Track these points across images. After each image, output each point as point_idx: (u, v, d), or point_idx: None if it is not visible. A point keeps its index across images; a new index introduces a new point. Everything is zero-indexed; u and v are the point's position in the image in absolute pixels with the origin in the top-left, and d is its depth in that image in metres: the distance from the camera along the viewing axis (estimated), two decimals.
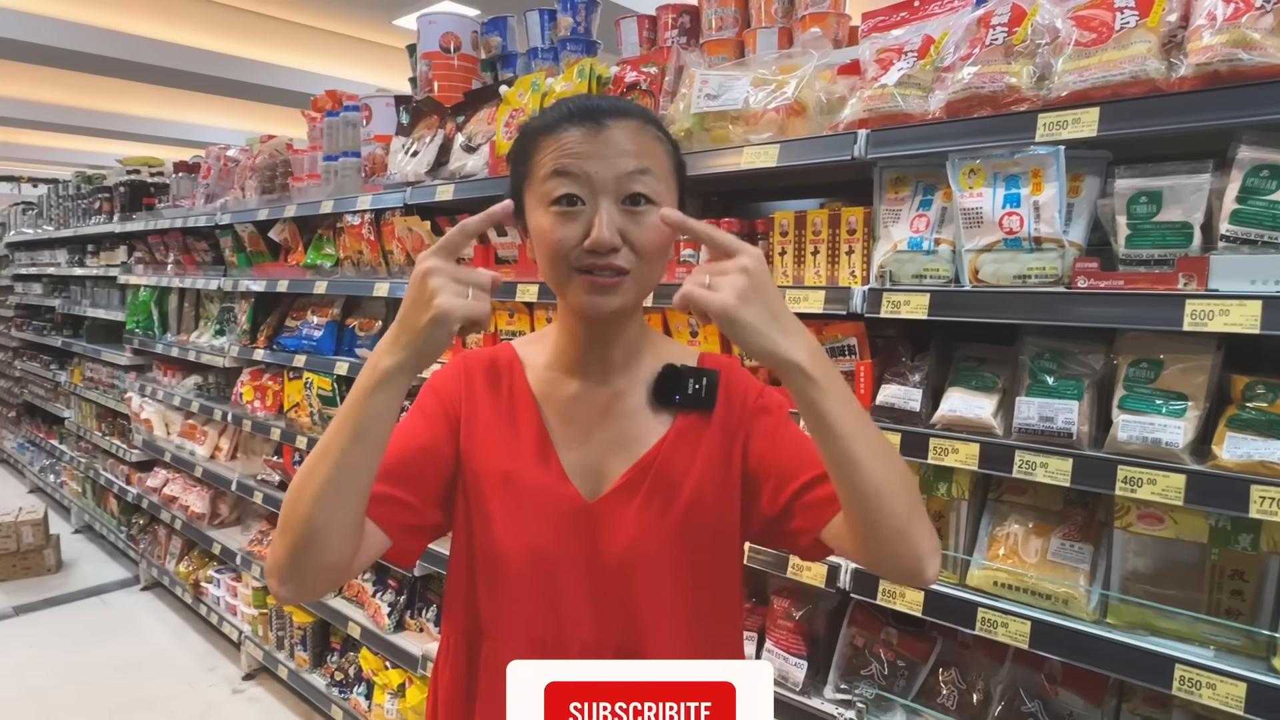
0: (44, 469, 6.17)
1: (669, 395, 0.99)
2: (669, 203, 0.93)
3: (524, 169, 0.95)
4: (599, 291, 0.90)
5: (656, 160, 0.92)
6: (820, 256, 1.60)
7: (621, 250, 0.88)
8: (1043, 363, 1.34)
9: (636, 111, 0.94)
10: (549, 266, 0.92)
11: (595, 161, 0.88)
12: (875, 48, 1.53)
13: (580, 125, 0.90)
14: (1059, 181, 1.25)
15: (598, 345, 0.99)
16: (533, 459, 0.98)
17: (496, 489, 0.97)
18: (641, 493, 0.96)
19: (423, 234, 2.38)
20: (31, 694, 3.44)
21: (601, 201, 0.88)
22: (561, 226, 0.89)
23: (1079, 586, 1.31)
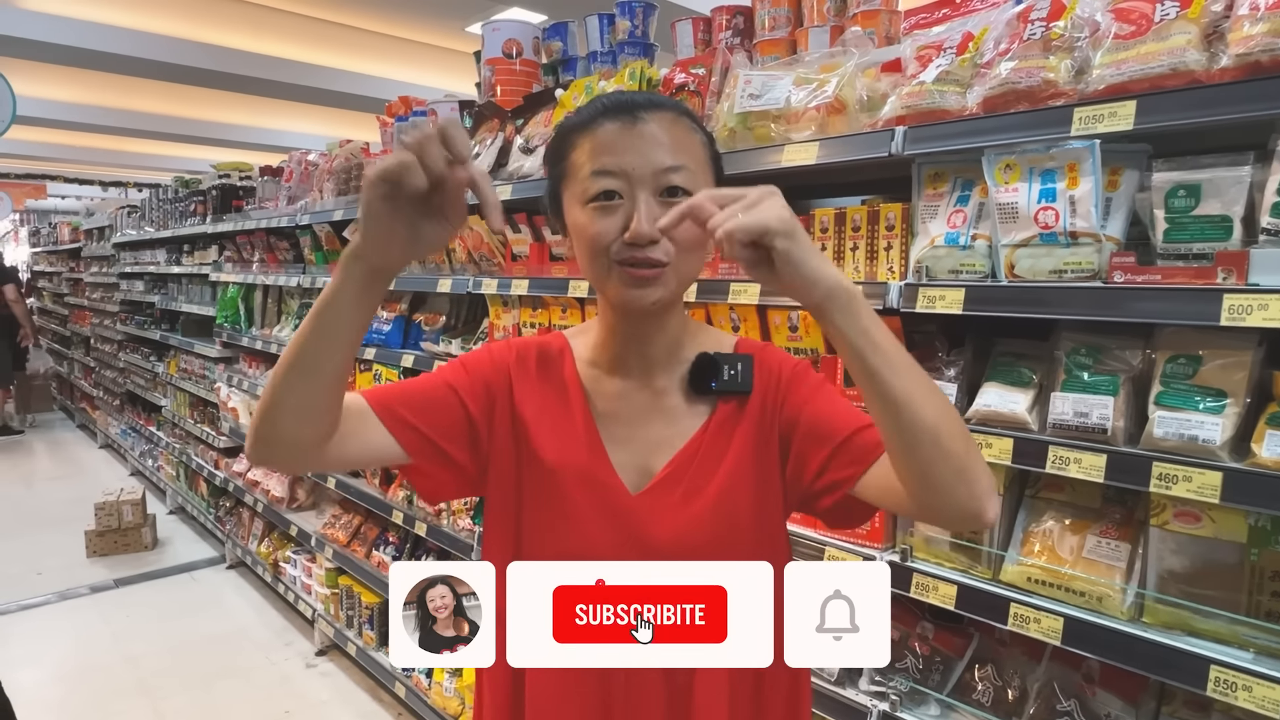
0: (143, 453, 6.63)
1: (705, 384, 1.00)
2: None
3: (561, 167, 0.97)
4: (638, 284, 0.91)
5: (693, 153, 0.93)
6: (859, 253, 1.62)
7: (660, 242, 0.89)
8: (1078, 358, 1.33)
9: (670, 104, 0.96)
10: (589, 261, 0.93)
11: (632, 156, 0.89)
12: (916, 45, 1.54)
13: (616, 119, 0.91)
14: (1095, 175, 1.24)
15: (638, 341, 0.99)
16: (583, 451, 0.99)
17: (543, 486, 0.98)
18: (684, 484, 0.96)
19: (482, 232, 2.49)
20: (128, 660, 3.73)
21: (640, 195, 0.89)
22: (600, 221, 0.90)
23: (1114, 584, 1.30)
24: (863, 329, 0.76)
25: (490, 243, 2.49)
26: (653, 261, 0.90)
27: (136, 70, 7.50)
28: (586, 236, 0.92)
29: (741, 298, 1.74)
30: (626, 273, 0.91)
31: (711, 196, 0.79)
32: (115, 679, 3.55)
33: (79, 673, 3.61)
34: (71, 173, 14.63)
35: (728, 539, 0.96)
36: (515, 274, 2.42)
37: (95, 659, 3.73)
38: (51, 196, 15.68)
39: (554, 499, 0.98)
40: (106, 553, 5.03)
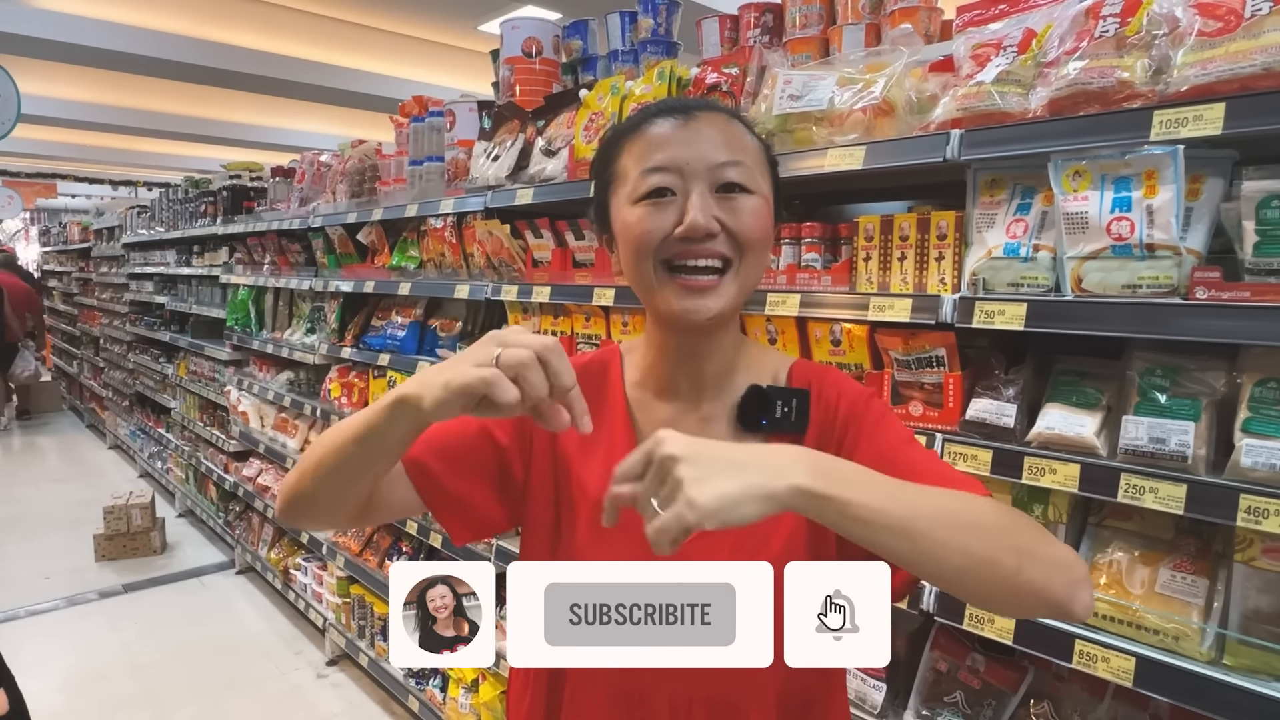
0: (152, 455, 6.58)
1: (755, 420, 0.91)
2: (766, 196, 0.87)
3: (609, 172, 0.91)
4: (694, 295, 0.83)
5: (749, 152, 0.87)
6: (908, 263, 1.53)
7: (719, 236, 0.83)
8: (1154, 379, 1.24)
9: (723, 107, 0.91)
10: (636, 265, 0.86)
11: (685, 149, 0.84)
12: (971, 43, 1.45)
13: (668, 118, 0.86)
14: (1177, 184, 1.15)
15: (689, 360, 0.92)
16: None
17: (588, 511, 0.92)
18: (734, 531, 0.90)
19: (502, 237, 2.41)
20: (136, 668, 3.66)
21: (694, 188, 0.83)
22: (650, 218, 0.84)
23: (1191, 623, 1.21)
24: (847, 516, 0.66)
25: (510, 248, 2.41)
26: (711, 256, 0.83)
27: (147, 69, 7.45)
28: (634, 235, 0.85)
29: (780, 309, 1.65)
30: (680, 283, 0.84)
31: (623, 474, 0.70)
32: (122, 688, 3.48)
33: (85, 681, 3.54)
34: (81, 172, 14.63)
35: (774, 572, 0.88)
36: (537, 280, 2.34)
37: (102, 667, 3.67)
38: (62, 195, 15.70)
39: (593, 533, 0.91)
40: (115, 557, 4.98)
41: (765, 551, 0.87)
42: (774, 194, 0.91)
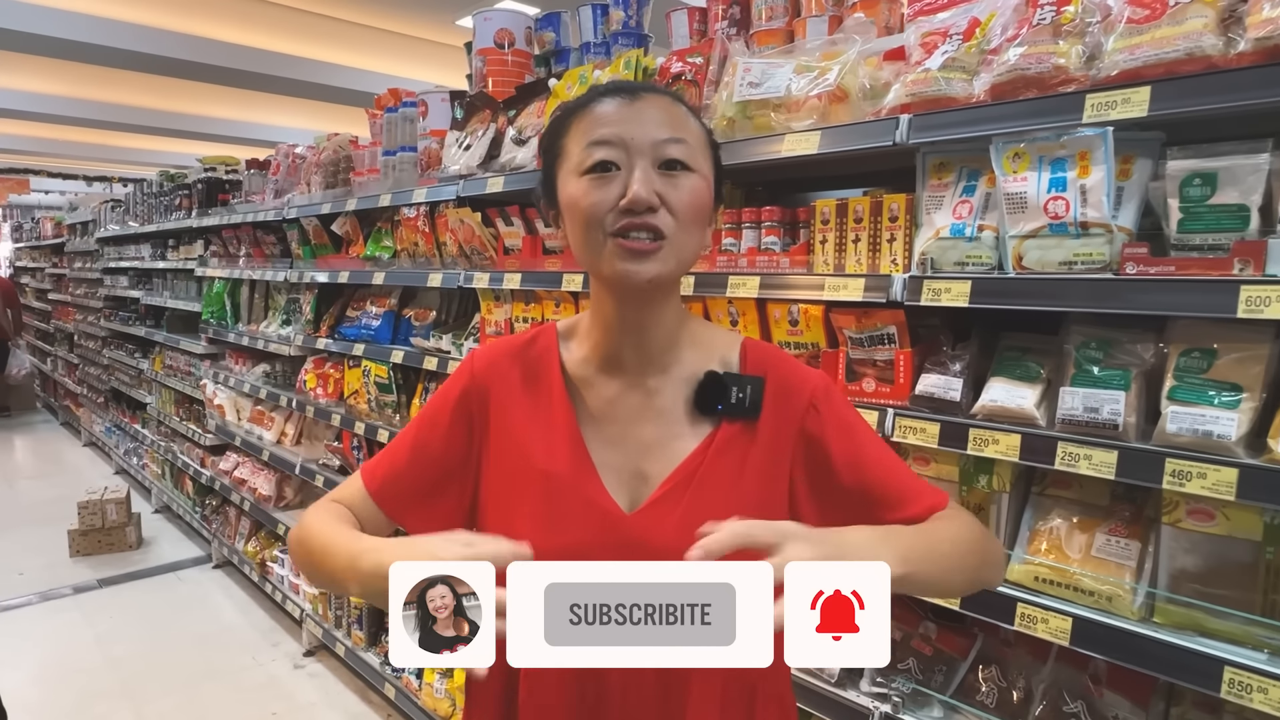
0: (128, 451, 6.54)
1: (710, 404, 0.95)
2: (706, 176, 0.91)
3: (557, 147, 0.93)
4: (635, 258, 0.86)
5: (691, 132, 0.91)
6: (861, 244, 1.58)
7: (659, 211, 0.86)
8: (1088, 352, 1.30)
9: (669, 91, 0.95)
10: (582, 234, 0.89)
11: (630, 126, 0.87)
12: (920, 31, 1.50)
13: (614, 97, 0.90)
14: (1107, 164, 1.21)
15: (633, 331, 0.95)
16: (568, 461, 0.95)
17: (532, 489, 0.95)
18: (682, 506, 0.91)
19: (473, 225, 2.44)
20: (112, 661, 3.66)
21: (637, 163, 0.86)
22: (595, 191, 0.87)
23: (1124, 584, 1.27)
24: (905, 585, 0.80)
25: (482, 236, 2.44)
26: (650, 229, 0.86)
27: (121, 63, 7.38)
28: (581, 207, 0.88)
29: (741, 291, 1.70)
30: (622, 245, 0.87)
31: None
32: (98, 680, 3.48)
33: (61, 674, 3.54)
34: (55, 167, 14.43)
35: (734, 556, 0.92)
36: (508, 268, 2.38)
37: (78, 660, 3.66)
38: (35, 191, 15.48)
39: (541, 506, 0.94)
40: (90, 552, 4.95)
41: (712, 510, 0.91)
42: (715, 176, 0.94)
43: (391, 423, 2.99)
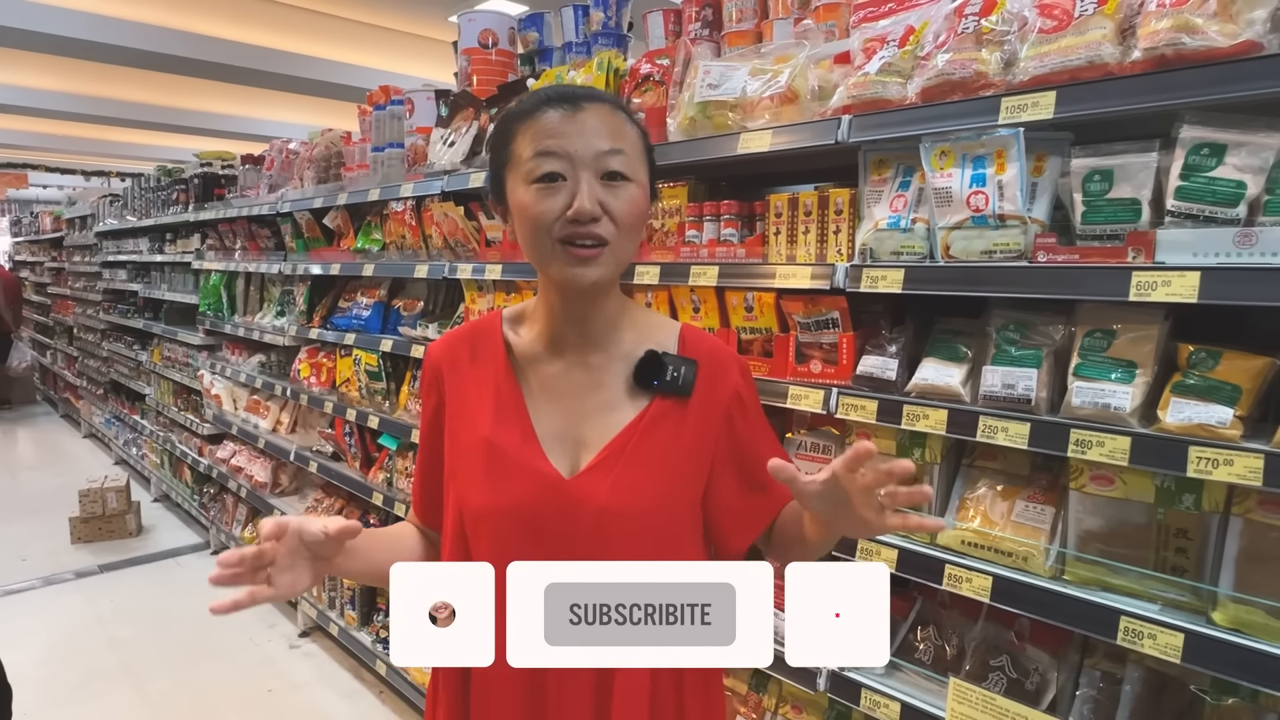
0: (127, 442, 6.66)
1: (648, 380, 1.05)
2: (643, 184, 1.01)
3: (504, 153, 1.01)
4: (580, 263, 0.97)
5: (630, 141, 0.99)
6: (811, 236, 1.70)
7: (602, 220, 0.95)
8: (1007, 333, 1.42)
9: (608, 97, 1.03)
10: (532, 240, 0.98)
11: (574, 140, 0.95)
12: (863, 38, 1.61)
13: (558, 108, 0.97)
14: (1020, 161, 1.32)
15: (576, 320, 1.05)
16: (512, 431, 1.04)
17: (480, 455, 1.04)
18: (615, 472, 1.01)
19: (456, 218, 2.56)
20: (113, 642, 3.78)
21: (582, 175, 0.94)
22: (544, 200, 0.95)
23: (1038, 545, 1.39)
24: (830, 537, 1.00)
25: (465, 229, 2.56)
26: (594, 238, 0.96)
27: (118, 59, 7.47)
28: (530, 215, 0.97)
29: (701, 280, 1.82)
30: (569, 252, 0.97)
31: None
32: (99, 660, 3.61)
33: (63, 655, 3.66)
34: (53, 162, 14.51)
35: (661, 526, 1.03)
36: (489, 259, 2.49)
37: (79, 642, 3.79)
38: (33, 186, 15.56)
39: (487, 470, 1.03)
40: (91, 539, 5.07)
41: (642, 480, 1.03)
42: (650, 178, 1.05)
43: (381, 409, 3.11)
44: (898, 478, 0.83)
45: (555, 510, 1.02)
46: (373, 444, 3.32)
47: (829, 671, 1.67)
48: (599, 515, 1.01)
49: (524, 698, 1.01)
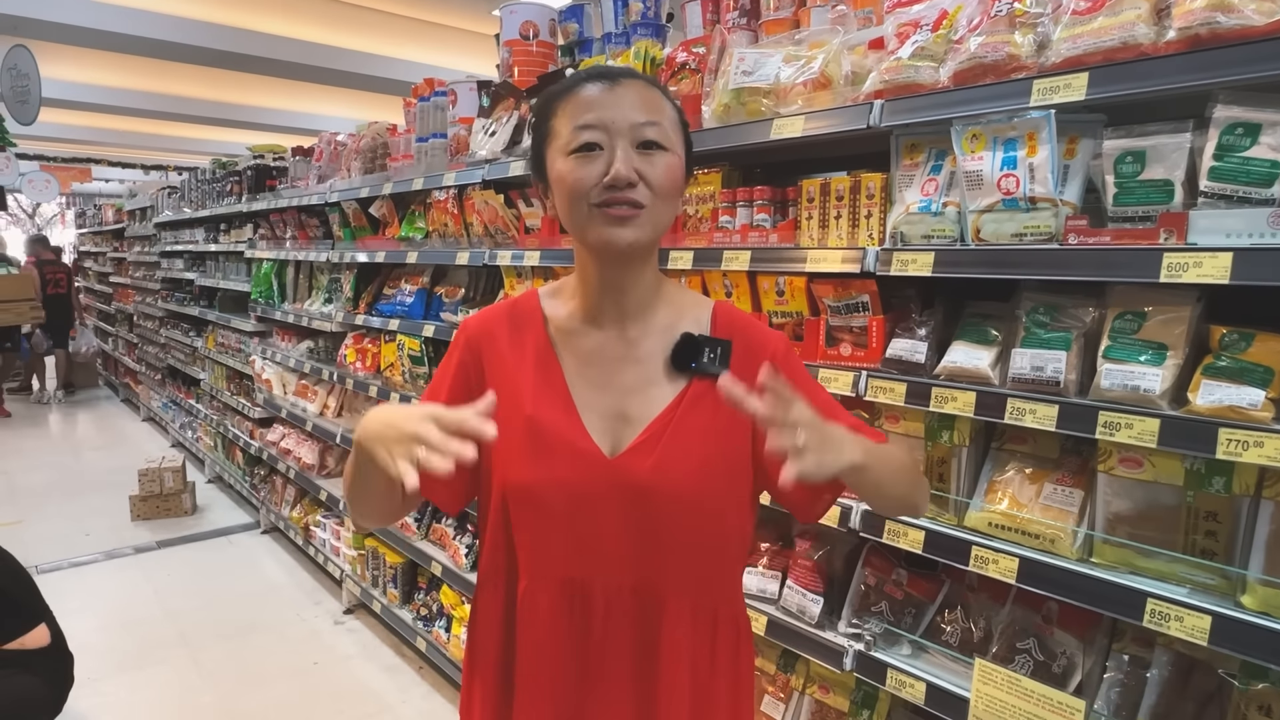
0: (183, 425, 6.92)
1: (685, 362, 1.07)
2: (678, 154, 1.03)
3: (545, 129, 1.04)
4: (617, 223, 0.99)
5: (665, 114, 1.01)
6: (843, 221, 1.71)
7: (638, 185, 0.98)
8: (1037, 316, 1.42)
9: (644, 76, 1.05)
10: (570, 207, 1.01)
11: (611, 110, 0.97)
12: (897, 22, 1.62)
13: (595, 83, 1.00)
14: (1051, 144, 1.32)
15: (613, 290, 1.06)
16: (554, 406, 1.05)
17: (521, 432, 1.04)
18: (657, 452, 1.02)
19: (496, 206, 2.62)
20: (169, 614, 3.96)
21: (618, 143, 0.97)
22: (581, 168, 0.97)
23: (1066, 527, 1.39)
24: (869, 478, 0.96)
25: (505, 216, 2.62)
26: (631, 202, 0.98)
27: (175, 55, 7.73)
28: (568, 183, 1.00)
29: (734, 265, 1.84)
30: (606, 213, 0.99)
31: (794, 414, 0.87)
32: (157, 630, 3.78)
33: (124, 624, 3.85)
34: (114, 156, 15.06)
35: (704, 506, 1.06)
36: (528, 246, 2.55)
37: (138, 612, 3.98)
38: (96, 179, 16.16)
39: (531, 447, 1.06)
40: (149, 516, 5.30)
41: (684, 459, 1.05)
42: (686, 154, 1.07)
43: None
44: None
45: (598, 488, 1.04)
46: None
47: (855, 651, 1.69)
48: (642, 494, 1.04)
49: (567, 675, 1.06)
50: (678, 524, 1.05)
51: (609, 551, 1.05)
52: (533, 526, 1.07)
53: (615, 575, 1.06)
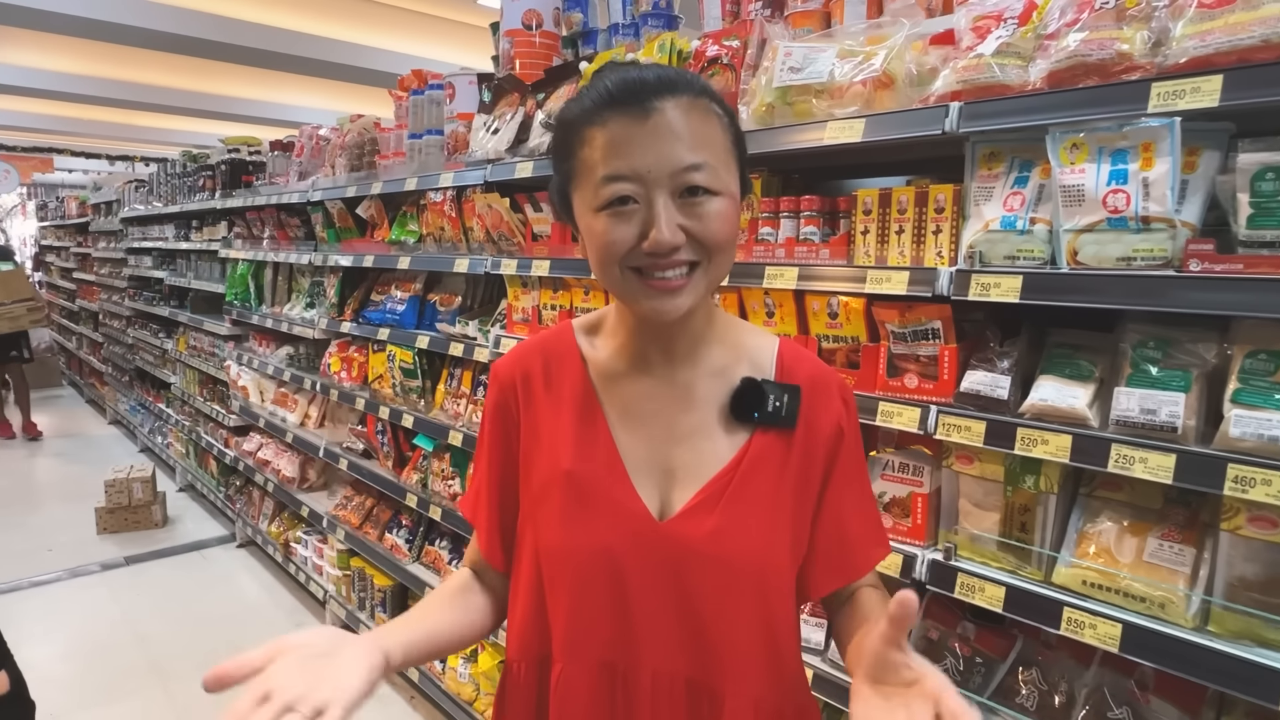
0: (152, 430, 6.61)
1: (746, 411, 0.93)
2: (731, 189, 0.85)
3: (569, 165, 0.87)
4: (664, 295, 0.83)
5: (713, 143, 0.83)
6: (905, 236, 1.54)
7: (684, 247, 0.82)
8: (1146, 351, 1.26)
9: (684, 83, 0.83)
10: (604, 271, 0.85)
11: (647, 155, 0.80)
12: (972, 15, 1.45)
13: (625, 112, 0.81)
14: (1173, 156, 1.15)
15: (661, 340, 0.93)
16: (597, 460, 0.93)
17: (560, 489, 0.92)
18: (715, 516, 0.89)
19: (501, 210, 2.41)
20: (140, 639, 3.71)
21: (658, 198, 0.80)
22: (615, 229, 0.81)
23: (1177, 590, 1.23)
24: None
25: (510, 221, 2.41)
26: (678, 265, 0.82)
27: (142, 41, 7.36)
28: (600, 245, 0.83)
29: (778, 282, 1.66)
30: (648, 285, 0.83)
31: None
32: (126, 658, 3.53)
33: (90, 651, 3.59)
34: (78, 146, 14.52)
35: (767, 579, 0.92)
36: (536, 254, 2.35)
37: (106, 637, 3.72)
38: (59, 170, 15.59)
39: (571, 506, 0.92)
40: (117, 530, 5.02)
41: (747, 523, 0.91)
42: (740, 173, 0.88)
43: (416, 408, 2.99)
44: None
45: (645, 555, 0.90)
46: (406, 443, 3.20)
47: None
48: (695, 563, 0.90)
49: None
50: (739, 601, 0.90)
51: (657, 632, 0.91)
52: (569, 598, 0.92)
53: (664, 661, 0.91)
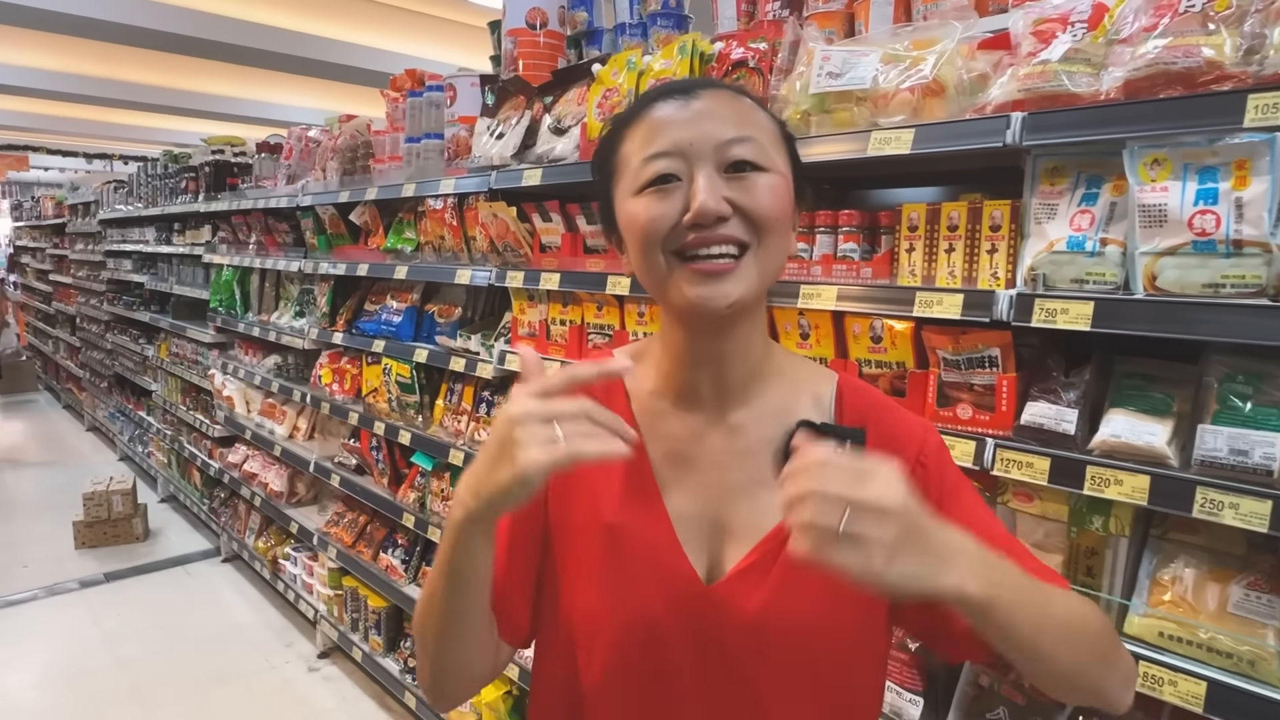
0: (132, 438, 6.41)
1: None
2: (782, 172, 0.78)
3: (611, 164, 0.82)
4: (709, 280, 0.74)
5: (759, 126, 0.78)
6: (956, 255, 1.43)
7: (731, 219, 0.74)
8: (1235, 386, 1.16)
9: (730, 85, 0.82)
10: (644, 257, 0.77)
11: (688, 129, 0.75)
12: (1031, 19, 1.34)
13: (669, 100, 0.78)
14: (1272, 175, 1.05)
15: (711, 362, 0.82)
16: (638, 512, 0.83)
17: (597, 544, 0.83)
18: (770, 580, 0.79)
19: (508, 219, 2.29)
20: (120, 663, 3.55)
21: (700, 169, 0.74)
22: (655, 206, 0.75)
23: (1267, 645, 1.13)
24: (1001, 624, 0.65)
25: (517, 231, 2.29)
26: (725, 240, 0.74)
27: (121, 37, 7.14)
28: (639, 225, 0.76)
29: (814, 302, 1.55)
30: (691, 268, 0.75)
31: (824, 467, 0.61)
32: (107, 683, 3.38)
33: (68, 676, 3.43)
34: (54, 144, 14.19)
35: (829, 654, 0.81)
36: (544, 266, 2.22)
37: (85, 661, 3.56)
38: (34, 168, 15.25)
39: (610, 564, 0.82)
40: (96, 544, 4.84)
41: (814, 590, 0.78)
42: (793, 172, 0.81)
43: (413, 423, 2.85)
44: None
45: (693, 624, 0.80)
46: (402, 459, 3.07)
47: None
48: (750, 633, 0.79)
49: None
50: (797, 677, 0.80)
51: (702, 711, 0.80)
52: (602, 669, 0.81)
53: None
